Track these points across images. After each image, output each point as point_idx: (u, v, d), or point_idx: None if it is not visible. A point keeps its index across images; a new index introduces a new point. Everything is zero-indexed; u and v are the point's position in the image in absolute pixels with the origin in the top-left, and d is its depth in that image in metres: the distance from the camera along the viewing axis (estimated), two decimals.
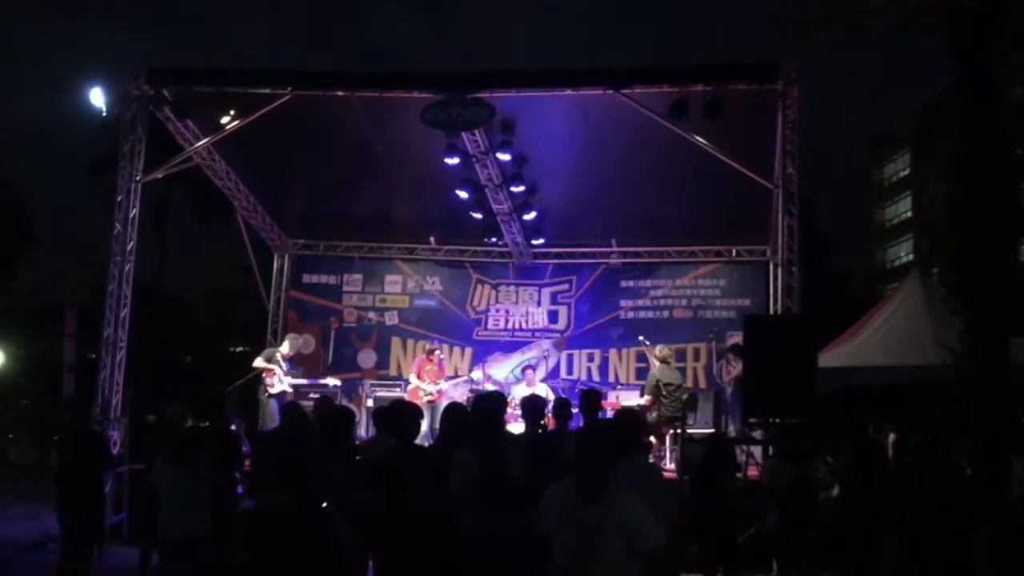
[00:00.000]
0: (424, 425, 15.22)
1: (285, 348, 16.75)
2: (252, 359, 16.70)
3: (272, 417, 15.38)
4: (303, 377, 17.29)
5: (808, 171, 15.31)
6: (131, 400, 15.07)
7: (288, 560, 7.34)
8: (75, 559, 9.69)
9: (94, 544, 9.99)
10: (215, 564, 8.79)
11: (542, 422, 9.72)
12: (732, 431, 14.46)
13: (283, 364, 16.33)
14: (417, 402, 16.02)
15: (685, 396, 14.67)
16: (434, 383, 16.59)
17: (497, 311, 20.39)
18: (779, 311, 14.85)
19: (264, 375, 16.10)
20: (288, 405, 13.47)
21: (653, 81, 14.33)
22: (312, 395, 16.37)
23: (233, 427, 13.39)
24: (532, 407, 9.48)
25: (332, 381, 17.39)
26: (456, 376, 17.91)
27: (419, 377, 16.75)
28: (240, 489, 10.49)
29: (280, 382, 16.06)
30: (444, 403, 13.00)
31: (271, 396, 15.75)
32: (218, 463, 9.02)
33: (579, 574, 5.61)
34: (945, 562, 7.53)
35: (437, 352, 17.43)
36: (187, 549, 8.30)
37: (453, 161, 15.90)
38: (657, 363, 15.13)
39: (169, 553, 8.43)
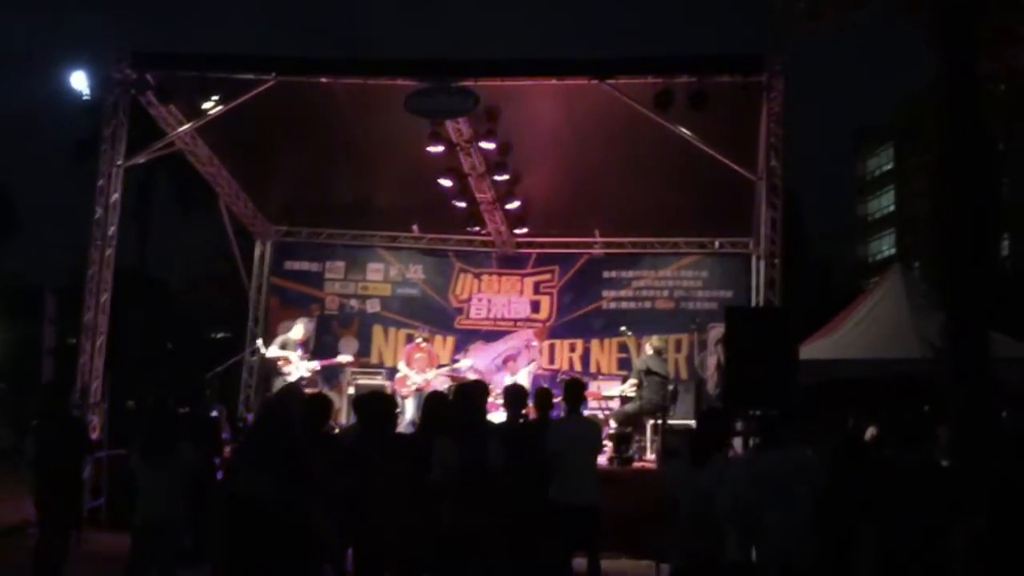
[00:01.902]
0: (410, 413, 15.26)
1: (298, 333, 16.63)
2: (233, 345, 16.66)
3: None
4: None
5: (792, 164, 15.28)
6: (111, 386, 15.01)
7: (266, 545, 7.33)
8: (53, 544, 9.63)
9: (72, 529, 9.93)
10: (191, 548, 8.79)
11: (523, 412, 9.73)
12: None
13: (297, 349, 16.24)
14: (404, 390, 16.06)
15: (670, 388, 14.72)
16: (422, 371, 16.51)
17: (479, 300, 20.35)
18: (761, 303, 14.87)
19: (279, 363, 16.01)
20: (283, 388, 13.42)
21: (638, 72, 14.31)
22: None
23: (215, 413, 13.33)
24: (514, 396, 9.48)
25: (345, 358, 17.30)
26: (442, 365, 17.85)
27: (408, 365, 16.68)
28: (220, 475, 10.49)
29: (297, 368, 15.99)
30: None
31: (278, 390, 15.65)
32: (197, 449, 8.98)
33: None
34: (923, 557, 7.55)
35: (419, 341, 17.35)
36: (162, 533, 8.27)
37: (437, 149, 15.88)
38: (650, 350, 15.18)
39: (144, 537, 8.39)
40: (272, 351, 16.24)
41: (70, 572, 10.07)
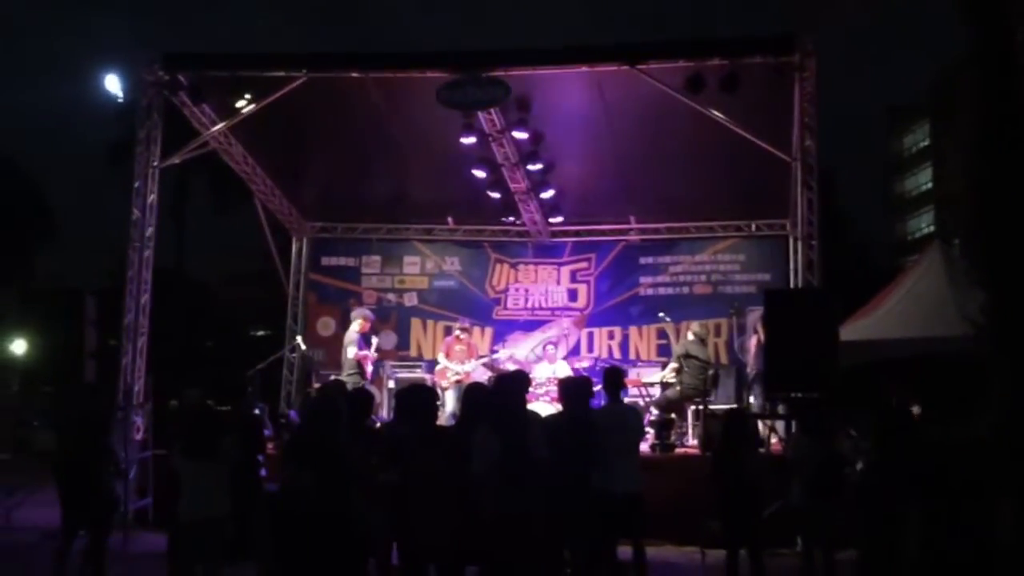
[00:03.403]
0: (451, 406, 15.25)
1: (357, 326, 16.40)
2: (273, 343, 16.67)
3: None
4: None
5: (826, 143, 15.18)
6: (153, 386, 15.12)
7: (311, 540, 7.37)
8: (73, 546, 9.68)
9: (98, 530, 9.86)
10: (237, 542, 8.83)
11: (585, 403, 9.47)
12: (754, 406, 14.43)
13: (362, 344, 16.14)
14: (445, 383, 16.05)
15: (711, 372, 14.67)
16: (462, 362, 16.47)
17: (516, 290, 20.35)
18: (799, 285, 14.80)
19: (362, 363, 15.94)
20: (327, 385, 13.44)
21: (669, 56, 14.24)
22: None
23: (257, 411, 13.39)
24: (573, 389, 9.33)
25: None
26: (482, 356, 17.83)
27: (448, 357, 16.67)
28: (263, 472, 10.54)
29: (371, 365, 16.05)
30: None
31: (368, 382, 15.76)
32: (239, 447, 9.02)
33: None
34: (970, 535, 7.50)
35: (456, 332, 17.30)
36: (208, 530, 8.31)
37: (469, 140, 15.88)
38: (691, 335, 15.15)
39: (190, 535, 8.44)
40: (352, 351, 16.01)
41: (116, 572, 10.17)
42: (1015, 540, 7.63)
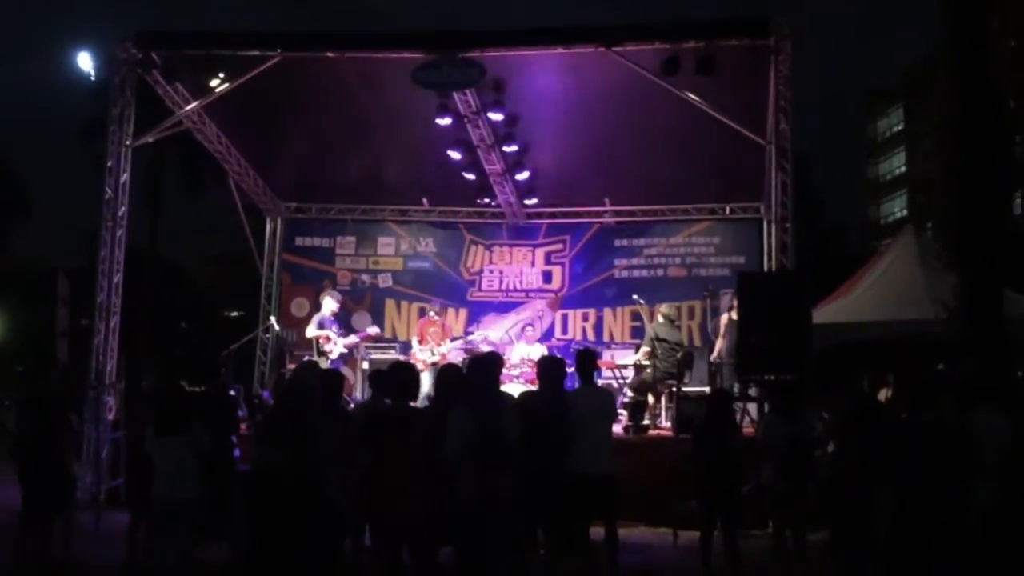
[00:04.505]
0: (426, 387, 15.24)
1: (330, 307, 16.33)
2: (247, 324, 16.60)
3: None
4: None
5: (801, 127, 15.20)
6: (126, 366, 15.06)
7: (286, 518, 7.38)
8: (34, 529, 9.65)
9: (56, 513, 9.83)
10: (208, 525, 8.81)
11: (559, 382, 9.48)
12: (724, 384, 14.48)
13: (334, 326, 16.13)
14: (420, 365, 16.00)
15: (680, 354, 14.68)
16: (438, 344, 16.45)
17: (491, 272, 20.35)
18: (773, 268, 14.84)
19: (320, 342, 15.89)
20: (300, 366, 13.34)
21: (645, 38, 14.23)
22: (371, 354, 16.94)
23: (233, 393, 13.33)
24: (548, 370, 9.31)
25: (374, 329, 17.25)
26: (456, 337, 17.83)
27: (421, 340, 16.60)
28: (237, 453, 10.51)
29: (336, 345, 15.91)
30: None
31: (332, 362, 15.64)
32: (211, 428, 8.98)
33: None
34: (939, 516, 7.56)
35: (432, 314, 17.30)
36: (179, 511, 8.28)
37: (445, 122, 15.83)
38: (660, 318, 15.15)
39: (161, 516, 8.40)
40: (311, 331, 16.08)
41: (87, 551, 10.15)
42: (982, 522, 7.70)
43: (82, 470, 12.74)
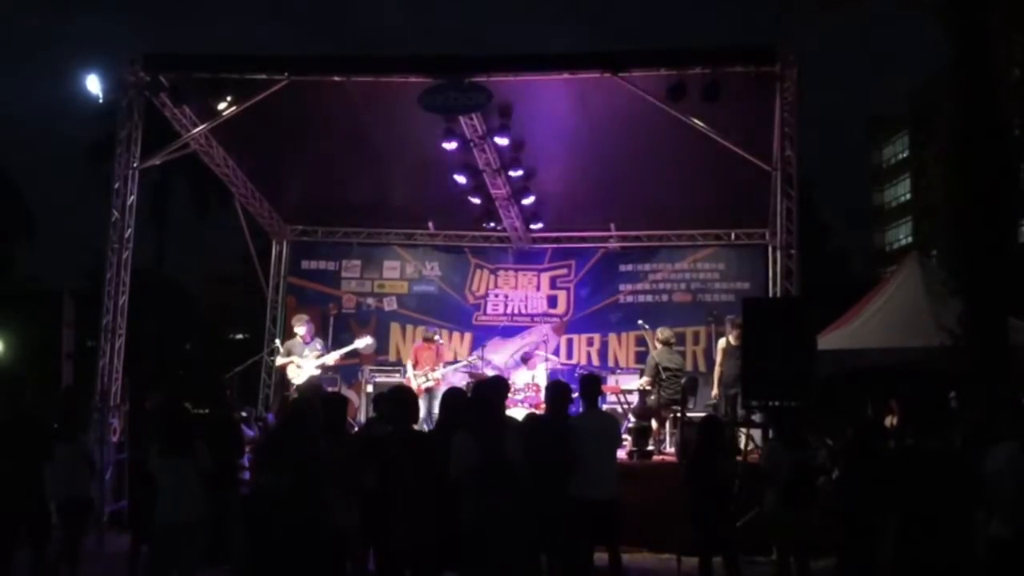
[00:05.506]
0: (423, 411, 15.24)
1: (301, 330, 16.42)
2: (252, 346, 16.61)
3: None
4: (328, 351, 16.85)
5: (806, 154, 15.25)
6: (130, 388, 15.05)
7: (287, 542, 7.36)
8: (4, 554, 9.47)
9: (37, 539, 9.68)
10: (212, 550, 8.80)
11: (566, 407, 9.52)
12: (719, 411, 14.42)
13: (304, 350, 16.10)
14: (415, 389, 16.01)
15: (684, 380, 14.65)
16: (432, 369, 16.49)
17: (496, 296, 20.36)
18: (778, 294, 14.83)
19: (286, 370, 15.89)
20: (304, 388, 13.28)
21: (651, 64, 14.28)
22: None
23: (244, 414, 13.30)
24: (553, 395, 9.33)
25: (362, 341, 17.26)
26: (455, 361, 17.84)
27: (415, 364, 16.64)
28: (247, 475, 10.50)
29: (303, 370, 15.88)
30: (444, 389, 12.99)
31: (298, 388, 15.64)
32: (217, 450, 8.98)
33: None
34: (944, 545, 7.53)
35: (436, 338, 17.40)
36: (184, 535, 8.27)
37: (451, 146, 15.87)
38: (659, 345, 15.10)
39: (165, 539, 8.38)
40: (279, 360, 16.18)
41: (91, 573, 10.10)
42: (988, 550, 7.67)
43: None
